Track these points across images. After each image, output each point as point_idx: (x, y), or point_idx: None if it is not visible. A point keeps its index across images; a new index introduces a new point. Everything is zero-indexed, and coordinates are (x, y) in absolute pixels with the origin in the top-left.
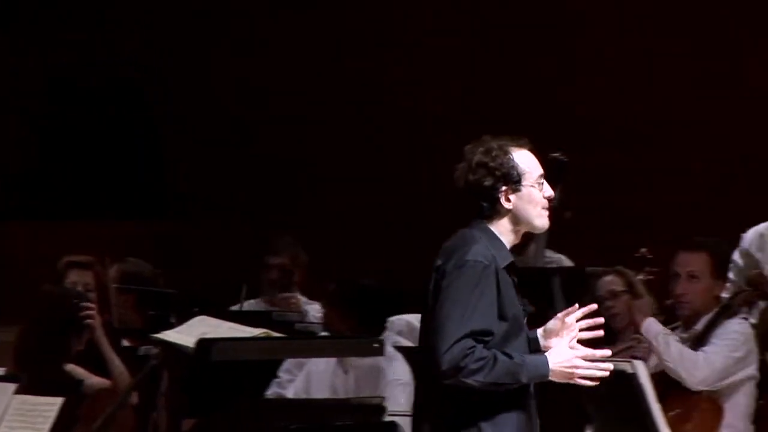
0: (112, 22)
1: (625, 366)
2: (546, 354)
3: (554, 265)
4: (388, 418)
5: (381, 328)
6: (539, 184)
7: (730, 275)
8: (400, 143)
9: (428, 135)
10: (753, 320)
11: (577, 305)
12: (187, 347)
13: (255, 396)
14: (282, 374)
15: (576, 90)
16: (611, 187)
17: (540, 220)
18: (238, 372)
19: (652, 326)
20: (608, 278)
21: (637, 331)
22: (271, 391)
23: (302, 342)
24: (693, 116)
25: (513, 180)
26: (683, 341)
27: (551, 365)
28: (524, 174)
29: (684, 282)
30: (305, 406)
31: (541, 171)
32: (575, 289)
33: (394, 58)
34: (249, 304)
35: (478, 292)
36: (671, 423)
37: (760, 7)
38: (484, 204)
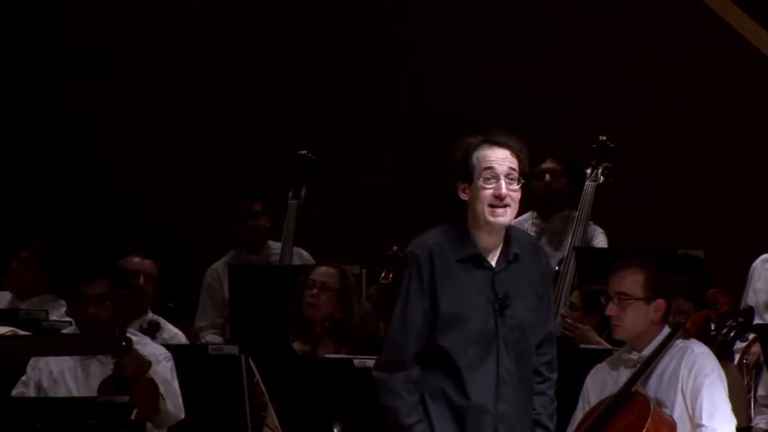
0: None
1: None
2: None
3: (299, 263)
4: None
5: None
6: (486, 179)
7: None
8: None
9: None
10: None
11: None
12: None
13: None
14: (28, 372)
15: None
16: None
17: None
18: None
19: None
20: None
21: None
22: (17, 391)
23: (49, 340)
24: None
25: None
26: None
27: None
28: (474, 170)
29: None
30: (52, 405)
31: (489, 166)
32: None
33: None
34: None
35: (406, 281)
36: None
37: None
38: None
